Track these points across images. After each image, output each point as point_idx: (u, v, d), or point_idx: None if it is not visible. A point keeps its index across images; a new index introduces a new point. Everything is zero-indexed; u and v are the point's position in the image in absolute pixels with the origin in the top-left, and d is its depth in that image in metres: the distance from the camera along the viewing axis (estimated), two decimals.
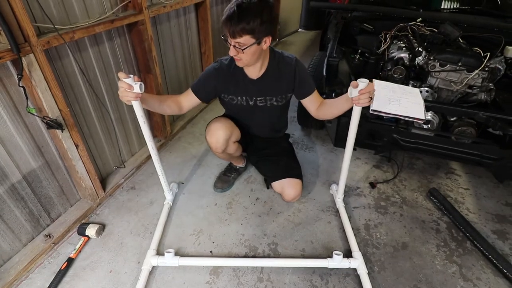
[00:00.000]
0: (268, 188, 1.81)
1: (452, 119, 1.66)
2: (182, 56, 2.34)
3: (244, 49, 1.20)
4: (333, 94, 1.69)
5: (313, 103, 1.48)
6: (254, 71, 1.41)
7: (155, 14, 1.80)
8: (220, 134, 1.47)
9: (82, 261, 1.40)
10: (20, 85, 1.15)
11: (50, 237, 1.44)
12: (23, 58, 1.12)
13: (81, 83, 1.51)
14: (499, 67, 1.68)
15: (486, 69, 1.61)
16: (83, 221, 1.58)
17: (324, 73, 1.81)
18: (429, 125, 1.65)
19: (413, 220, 1.62)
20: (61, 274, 1.32)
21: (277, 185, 1.66)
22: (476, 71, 1.59)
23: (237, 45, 1.20)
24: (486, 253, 1.40)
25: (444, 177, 1.94)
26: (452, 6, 2.34)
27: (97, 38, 1.54)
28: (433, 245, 1.49)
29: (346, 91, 1.72)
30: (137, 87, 1.11)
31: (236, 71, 1.41)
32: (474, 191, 1.82)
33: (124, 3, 1.62)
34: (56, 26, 1.22)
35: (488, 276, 1.35)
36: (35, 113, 1.25)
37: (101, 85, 1.64)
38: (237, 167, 1.88)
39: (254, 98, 1.48)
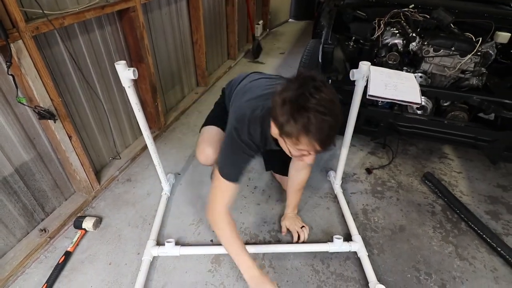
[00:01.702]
0: (266, 170, 1.79)
1: (445, 104, 1.68)
2: (174, 45, 2.29)
3: None
4: (329, 80, 1.68)
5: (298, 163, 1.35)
6: None
7: (146, 0, 1.75)
8: (209, 152, 1.36)
9: (80, 255, 1.37)
10: (9, 73, 1.09)
11: (45, 231, 1.41)
12: (11, 45, 1.07)
13: (72, 72, 1.46)
14: (490, 52, 1.71)
15: (478, 53, 1.63)
16: (79, 214, 1.55)
17: (320, 60, 1.80)
18: (422, 111, 1.67)
19: (409, 204, 1.65)
20: (59, 268, 1.29)
21: (277, 176, 1.66)
22: (469, 56, 1.61)
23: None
24: (481, 233, 1.44)
25: (437, 161, 1.97)
26: None
27: (87, 25, 1.48)
28: (429, 227, 1.52)
29: (341, 78, 1.75)
30: (130, 73, 1.13)
31: (267, 145, 1.22)
32: (467, 174, 1.87)
33: None
34: (45, 12, 1.17)
35: (483, 255, 1.39)
36: (25, 103, 1.20)
37: (93, 74, 1.59)
38: None
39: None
